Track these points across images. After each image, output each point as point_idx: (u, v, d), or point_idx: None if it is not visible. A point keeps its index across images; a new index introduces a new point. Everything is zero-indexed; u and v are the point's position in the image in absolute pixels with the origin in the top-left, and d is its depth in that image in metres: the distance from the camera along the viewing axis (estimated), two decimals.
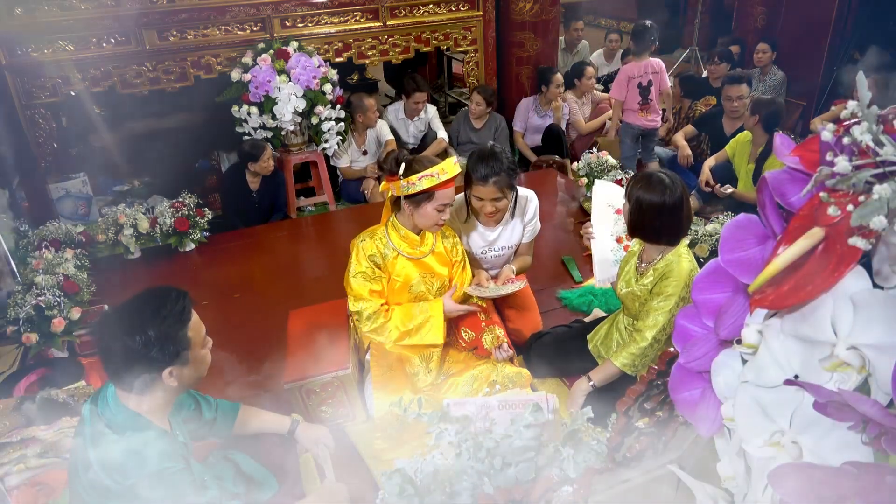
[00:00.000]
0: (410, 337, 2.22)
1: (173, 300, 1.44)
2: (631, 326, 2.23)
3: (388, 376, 2.23)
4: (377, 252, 2.21)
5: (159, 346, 1.39)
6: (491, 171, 2.24)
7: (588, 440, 1.21)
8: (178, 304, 1.44)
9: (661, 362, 1.19)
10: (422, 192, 2.08)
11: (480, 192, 2.30)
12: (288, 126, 4.05)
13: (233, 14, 4.08)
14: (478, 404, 1.77)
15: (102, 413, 1.43)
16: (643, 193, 1.98)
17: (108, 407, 1.44)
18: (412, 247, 2.24)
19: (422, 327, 2.21)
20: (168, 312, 1.41)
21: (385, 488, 1.20)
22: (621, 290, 2.22)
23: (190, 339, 1.45)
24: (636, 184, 2.01)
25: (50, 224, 3.39)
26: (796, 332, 0.70)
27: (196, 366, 1.50)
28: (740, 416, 0.76)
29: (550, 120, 4.99)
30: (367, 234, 2.25)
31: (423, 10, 4.63)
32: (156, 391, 1.45)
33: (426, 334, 2.21)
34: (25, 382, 2.38)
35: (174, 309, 1.43)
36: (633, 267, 2.21)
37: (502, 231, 2.54)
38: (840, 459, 0.65)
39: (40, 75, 3.81)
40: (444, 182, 2.07)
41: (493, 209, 2.34)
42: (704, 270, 0.88)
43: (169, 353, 1.41)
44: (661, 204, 1.96)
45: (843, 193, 0.65)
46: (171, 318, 1.41)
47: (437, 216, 2.15)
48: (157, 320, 1.39)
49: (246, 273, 3.38)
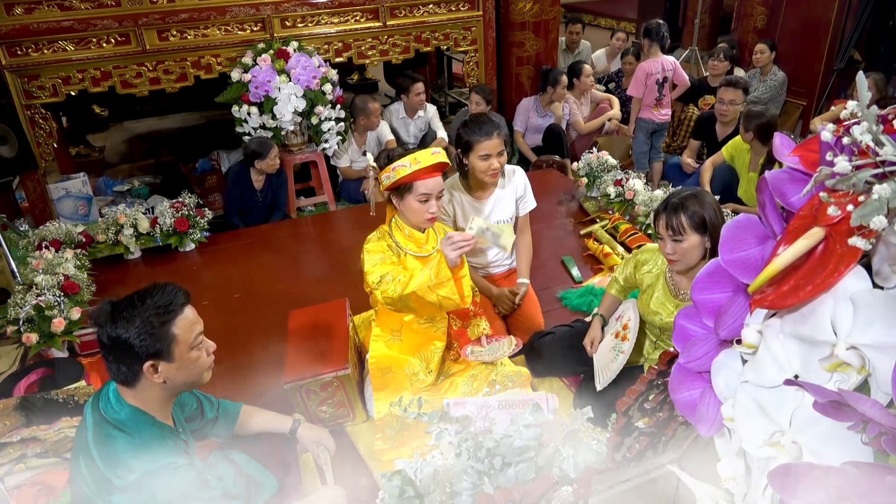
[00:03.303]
0: (422, 277, 2.04)
1: (161, 293, 1.44)
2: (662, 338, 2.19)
3: (387, 377, 2.23)
4: (389, 251, 2.19)
5: (139, 337, 1.37)
6: (492, 125, 2.40)
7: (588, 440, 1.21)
8: (165, 298, 1.43)
9: (661, 362, 1.19)
10: (401, 182, 2.07)
11: (486, 148, 2.40)
12: (288, 126, 4.05)
13: (233, 14, 4.08)
14: (478, 404, 1.77)
15: (105, 409, 1.43)
16: (710, 213, 1.92)
17: (110, 403, 1.44)
18: (418, 245, 2.24)
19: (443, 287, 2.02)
20: (152, 303, 1.40)
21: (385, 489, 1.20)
22: (661, 320, 2.10)
23: (175, 335, 1.42)
24: (704, 210, 1.92)
25: (50, 224, 3.39)
26: (796, 332, 0.70)
27: (185, 366, 1.47)
28: (740, 416, 0.76)
29: (551, 120, 4.99)
30: (375, 236, 2.23)
31: (423, 10, 4.63)
32: (147, 387, 1.45)
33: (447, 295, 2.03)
34: (25, 382, 2.38)
35: (159, 301, 1.42)
36: (662, 292, 2.12)
37: (495, 204, 2.60)
38: (840, 459, 0.65)
39: (40, 75, 3.81)
40: (420, 171, 2.04)
41: (499, 165, 2.43)
42: (704, 270, 0.88)
43: (147, 345, 1.39)
44: (715, 214, 1.95)
45: (843, 193, 0.65)
46: (154, 310, 1.40)
47: (422, 209, 2.11)
48: (141, 310, 1.39)
49: (246, 273, 3.38)
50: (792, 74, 5.35)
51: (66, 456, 2.01)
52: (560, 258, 3.34)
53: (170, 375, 1.45)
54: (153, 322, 1.39)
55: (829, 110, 4.92)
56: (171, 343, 1.42)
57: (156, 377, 1.43)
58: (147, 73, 4.03)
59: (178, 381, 1.48)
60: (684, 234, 1.90)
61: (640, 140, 4.83)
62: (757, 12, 5.98)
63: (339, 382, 2.14)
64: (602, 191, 3.76)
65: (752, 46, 5.60)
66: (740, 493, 0.81)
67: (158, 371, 1.42)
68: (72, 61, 3.83)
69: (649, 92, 4.68)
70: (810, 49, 5.44)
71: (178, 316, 1.44)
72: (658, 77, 4.64)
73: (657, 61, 4.65)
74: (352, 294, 2.62)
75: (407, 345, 2.27)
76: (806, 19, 5.48)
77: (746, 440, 0.75)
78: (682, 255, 1.93)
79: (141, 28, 3.89)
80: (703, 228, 1.90)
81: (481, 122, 2.42)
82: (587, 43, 6.33)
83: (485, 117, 2.45)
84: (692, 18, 7.24)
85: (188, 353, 1.46)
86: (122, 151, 5.70)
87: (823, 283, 0.66)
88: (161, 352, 1.41)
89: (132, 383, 1.44)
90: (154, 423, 1.46)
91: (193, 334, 1.48)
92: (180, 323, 1.44)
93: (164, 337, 1.41)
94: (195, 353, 1.49)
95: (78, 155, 5.38)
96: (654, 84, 4.65)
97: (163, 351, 1.41)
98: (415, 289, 2.00)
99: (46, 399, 2.16)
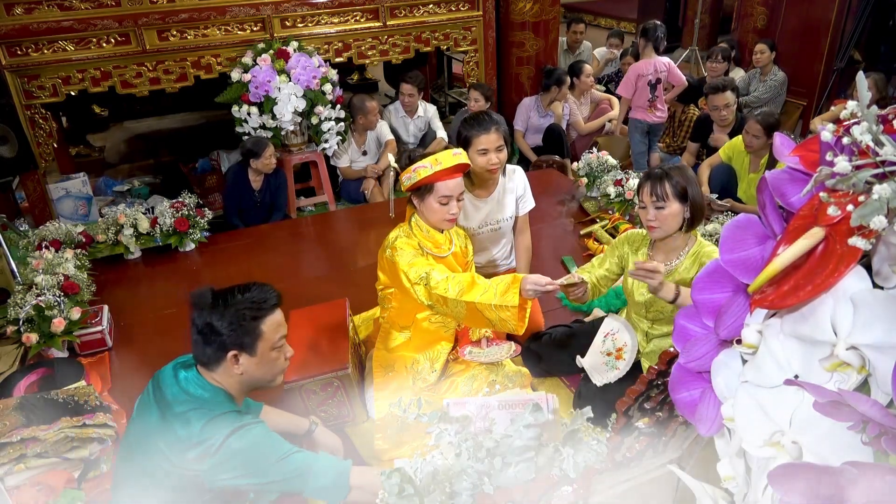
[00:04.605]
0: (486, 292, 1.95)
1: (259, 290, 1.54)
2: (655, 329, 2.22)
3: (390, 375, 2.23)
4: (420, 249, 2.17)
5: (230, 326, 1.47)
6: (491, 121, 2.42)
7: (588, 440, 1.21)
8: (261, 295, 1.53)
9: (661, 362, 1.19)
10: (421, 183, 2.08)
11: (484, 143, 2.41)
12: (288, 126, 4.05)
13: (233, 14, 4.08)
14: (478, 404, 1.77)
15: (186, 386, 1.50)
16: (692, 187, 2.03)
17: (190, 381, 1.51)
18: (436, 246, 2.24)
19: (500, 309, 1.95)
20: (248, 298, 1.51)
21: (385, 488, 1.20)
22: (642, 296, 2.16)
23: (262, 332, 1.52)
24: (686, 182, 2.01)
25: (50, 224, 3.39)
26: (796, 332, 0.70)
27: (264, 364, 1.55)
28: (740, 416, 0.76)
29: (551, 120, 4.99)
30: (402, 235, 2.17)
31: (423, 10, 4.63)
32: (226, 376, 1.53)
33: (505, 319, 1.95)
34: (25, 382, 2.38)
35: (255, 297, 1.52)
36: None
37: (495, 203, 2.61)
38: (840, 459, 0.65)
39: (40, 75, 3.81)
40: (441, 172, 2.06)
41: (497, 161, 2.44)
42: (704, 270, 0.88)
43: (236, 336, 1.48)
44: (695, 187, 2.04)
45: (843, 193, 0.65)
46: (248, 305, 1.50)
47: (442, 210, 2.12)
48: (237, 302, 1.49)
49: (246, 273, 3.37)
50: (792, 74, 5.35)
51: (66, 456, 2.01)
52: (560, 258, 3.34)
53: (248, 369, 1.53)
54: (245, 315, 1.49)
55: (829, 110, 4.92)
56: (257, 338, 1.51)
57: (236, 368, 1.51)
58: (147, 73, 4.03)
59: (254, 376, 1.56)
60: (667, 201, 2.00)
61: (637, 140, 4.85)
62: (757, 12, 5.98)
63: (339, 382, 2.14)
64: (602, 191, 3.76)
65: (752, 46, 5.60)
66: (740, 493, 0.81)
67: (239, 362, 1.51)
68: (72, 61, 3.83)
69: (641, 93, 4.69)
70: (810, 49, 5.44)
71: (268, 314, 1.53)
72: (650, 78, 4.65)
73: (650, 62, 4.65)
74: (352, 294, 2.62)
75: (415, 342, 2.28)
76: (806, 19, 5.48)
77: (746, 440, 0.75)
78: (663, 221, 2.03)
79: (141, 28, 3.89)
80: (684, 198, 2.01)
81: (480, 118, 2.45)
82: (588, 43, 6.33)
83: (484, 114, 2.48)
84: (692, 18, 7.25)
85: (270, 351, 1.55)
86: (122, 151, 5.70)
87: (823, 283, 0.66)
88: (246, 345, 1.50)
89: (213, 367, 1.52)
90: (233, 402, 1.55)
91: (278, 335, 1.57)
92: (269, 321, 1.53)
93: (252, 331, 1.51)
94: (275, 353, 1.57)
95: (78, 155, 5.39)
96: (646, 85, 4.66)
97: (248, 344, 1.51)
98: (475, 301, 1.93)
99: (46, 399, 2.16)
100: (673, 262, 2.11)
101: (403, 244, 2.15)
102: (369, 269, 3.32)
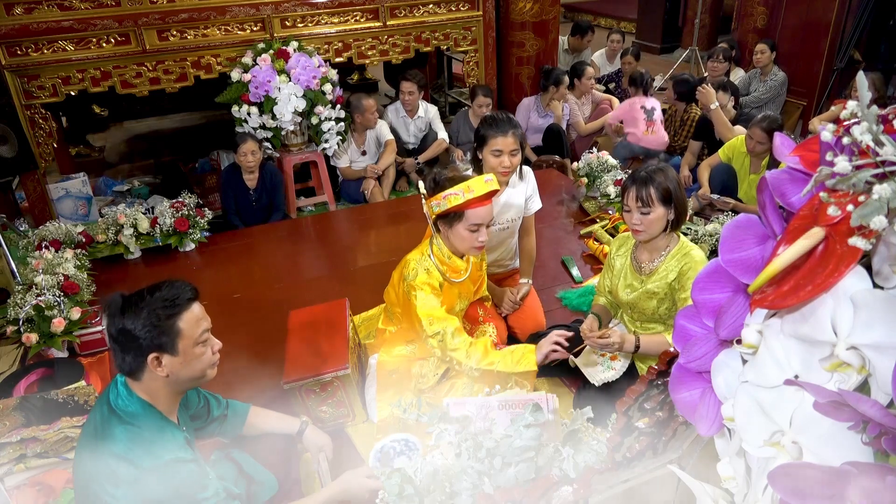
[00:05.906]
0: (502, 360, 2.06)
1: (170, 288, 1.48)
2: (644, 328, 2.24)
3: (392, 378, 2.24)
4: (439, 289, 2.16)
5: (145, 329, 1.41)
6: (510, 124, 2.40)
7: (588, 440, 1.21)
8: (173, 292, 1.47)
9: (661, 362, 1.19)
10: (452, 211, 2.03)
11: (500, 144, 2.39)
12: (288, 126, 4.05)
13: (233, 14, 4.08)
14: (478, 404, 1.77)
15: (115, 402, 1.45)
16: (675, 189, 2.05)
17: (121, 395, 1.46)
18: (454, 271, 2.21)
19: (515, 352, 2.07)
20: (160, 297, 1.45)
21: (385, 488, 1.20)
22: (626, 295, 2.21)
23: (180, 329, 1.46)
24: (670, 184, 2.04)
25: (50, 224, 3.39)
26: (796, 332, 0.70)
27: (189, 361, 1.48)
28: (740, 416, 0.76)
29: (551, 120, 4.99)
30: (422, 268, 2.13)
31: (423, 10, 4.63)
32: (152, 380, 1.47)
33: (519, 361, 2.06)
34: (25, 382, 2.38)
35: (167, 295, 1.46)
36: (628, 271, 2.23)
37: (505, 202, 2.59)
38: (840, 459, 0.65)
39: (40, 75, 3.81)
40: (474, 200, 2.00)
41: (510, 164, 2.42)
42: (704, 270, 0.88)
43: (152, 338, 1.42)
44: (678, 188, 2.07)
45: (843, 193, 0.65)
46: (161, 304, 1.44)
47: (471, 238, 2.07)
48: (148, 302, 1.43)
49: (246, 273, 3.38)
50: (792, 74, 5.35)
51: (66, 456, 2.01)
52: (560, 258, 3.34)
53: (173, 369, 1.47)
54: (159, 315, 1.43)
55: (829, 110, 4.92)
56: (175, 337, 1.45)
57: (159, 370, 1.45)
58: (147, 73, 4.03)
59: (181, 376, 1.49)
60: (652, 206, 2.03)
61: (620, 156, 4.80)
62: (757, 12, 5.98)
63: (339, 382, 2.14)
64: (602, 191, 3.76)
65: (752, 46, 5.60)
66: (740, 493, 0.81)
67: (162, 364, 1.45)
68: (72, 61, 3.83)
69: (637, 118, 4.77)
70: (810, 49, 5.44)
71: (183, 311, 1.47)
72: (644, 105, 4.79)
73: (643, 98, 4.83)
74: (352, 294, 2.62)
75: (421, 353, 2.30)
76: (806, 19, 5.48)
77: (746, 440, 0.75)
78: (648, 225, 2.06)
79: (141, 28, 3.89)
80: (668, 201, 2.04)
81: (500, 119, 2.43)
82: (589, 51, 6.32)
83: (504, 115, 2.47)
84: (692, 18, 7.24)
85: (193, 348, 1.49)
86: (122, 151, 5.70)
87: (823, 283, 0.66)
88: (165, 345, 1.44)
89: (137, 375, 1.46)
90: (162, 418, 1.48)
91: (199, 330, 1.50)
92: (186, 317, 1.47)
93: (170, 330, 1.44)
94: (200, 348, 1.51)
95: (78, 155, 5.38)
96: (640, 109, 4.76)
97: (167, 344, 1.44)
98: (493, 369, 2.04)
99: (46, 399, 2.16)
100: (655, 261, 2.15)
101: (423, 283, 2.10)
102: (369, 269, 3.33)
